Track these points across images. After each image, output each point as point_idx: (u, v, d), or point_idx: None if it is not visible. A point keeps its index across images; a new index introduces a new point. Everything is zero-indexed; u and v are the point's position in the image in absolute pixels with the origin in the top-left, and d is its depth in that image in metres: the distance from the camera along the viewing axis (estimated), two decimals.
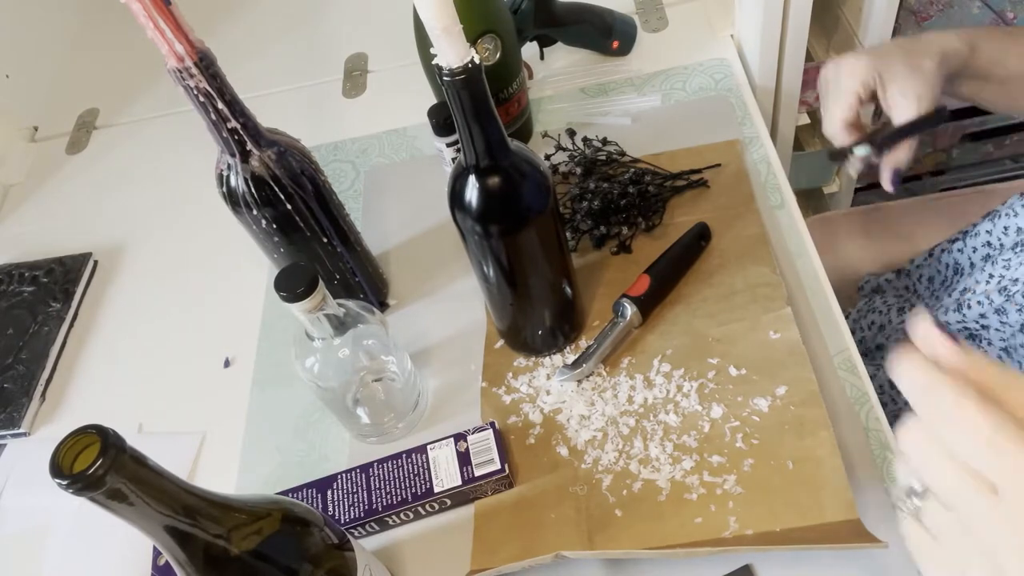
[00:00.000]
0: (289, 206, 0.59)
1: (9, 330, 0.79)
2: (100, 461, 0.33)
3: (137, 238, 0.87)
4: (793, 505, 0.53)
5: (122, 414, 0.72)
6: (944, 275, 0.76)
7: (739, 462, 0.56)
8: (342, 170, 0.85)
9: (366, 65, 0.96)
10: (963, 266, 0.73)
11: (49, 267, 0.83)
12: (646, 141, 0.77)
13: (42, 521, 0.67)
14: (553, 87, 0.86)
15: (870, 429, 0.58)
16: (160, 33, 0.48)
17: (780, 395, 0.59)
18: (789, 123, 0.96)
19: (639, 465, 0.58)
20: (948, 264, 0.75)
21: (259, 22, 1.06)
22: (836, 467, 0.54)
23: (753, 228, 0.69)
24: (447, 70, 0.45)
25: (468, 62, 0.45)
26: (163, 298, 0.80)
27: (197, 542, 0.39)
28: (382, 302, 0.72)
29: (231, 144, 0.55)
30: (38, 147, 1.01)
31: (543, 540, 0.56)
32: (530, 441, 0.61)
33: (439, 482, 0.58)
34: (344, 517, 0.57)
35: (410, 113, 0.86)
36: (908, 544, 0.27)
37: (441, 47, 0.44)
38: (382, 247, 0.77)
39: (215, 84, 0.51)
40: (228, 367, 0.73)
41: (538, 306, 0.62)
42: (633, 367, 0.63)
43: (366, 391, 0.62)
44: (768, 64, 0.85)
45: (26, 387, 0.74)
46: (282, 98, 0.95)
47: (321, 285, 0.52)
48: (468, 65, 0.45)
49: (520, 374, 0.65)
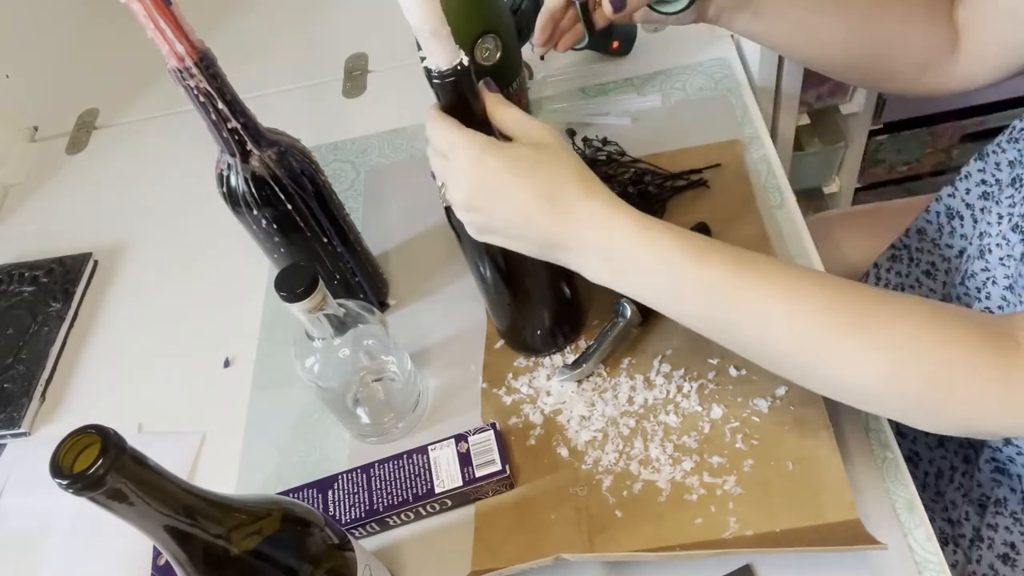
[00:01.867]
0: (289, 206, 0.59)
1: (9, 330, 0.79)
2: (100, 461, 0.33)
3: (137, 238, 0.87)
4: (793, 506, 0.53)
5: (122, 414, 0.72)
6: (937, 223, 0.74)
7: (739, 463, 0.56)
8: (342, 170, 0.85)
9: (366, 65, 0.96)
10: (956, 209, 0.71)
11: (49, 267, 0.83)
12: (646, 141, 0.77)
13: (42, 521, 0.67)
14: (553, 87, 0.86)
15: (870, 429, 0.58)
16: (160, 33, 0.48)
17: (780, 395, 0.59)
18: (789, 123, 0.96)
19: (639, 466, 0.58)
20: (939, 212, 0.73)
21: (259, 22, 1.06)
22: (836, 467, 0.54)
23: (753, 228, 0.69)
24: (436, 72, 0.45)
25: (457, 64, 0.45)
26: (163, 298, 0.80)
27: (197, 542, 0.39)
28: (382, 302, 0.72)
29: (231, 144, 0.55)
30: (38, 147, 1.01)
31: (544, 541, 0.56)
32: (531, 442, 0.61)
33: (440, 483, 0.58)
34: (345, 517, 0.57)
35: (410, 113, 0.86)
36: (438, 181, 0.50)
37: (430, 49, 0.44)
38: (382, 247, 0.77)
39: (215, 84, 0.51)
40: (228, 367, 0.73)
41: (536, 306, 0.62)
42: (633, 367, 0.63)
43: (366, 391, 0.62)
44: (768, 64, 0.85)
45: (26, 387, 0.74)
46: (282, 98, 0.95)
47: (321, 285, 0.52)
48: (457, 67, 0.45)
49: (520, 375, 0.65)
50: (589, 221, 0.46)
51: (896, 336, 0.43)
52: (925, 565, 0.52)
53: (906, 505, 0.54)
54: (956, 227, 0.71)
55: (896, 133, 1.20)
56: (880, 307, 0.44)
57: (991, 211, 0.63)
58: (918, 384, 0.43)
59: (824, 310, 0.44)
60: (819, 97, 1.09)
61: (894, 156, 1.26)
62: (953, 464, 0.70)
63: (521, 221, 0.47)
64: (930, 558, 0.52)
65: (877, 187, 1.34)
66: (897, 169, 1.30)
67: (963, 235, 0.70)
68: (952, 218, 0.71)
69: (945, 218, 0.72)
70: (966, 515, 0.68)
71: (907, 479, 0.55)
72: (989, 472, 0.64)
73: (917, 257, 0.76)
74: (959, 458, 0.69)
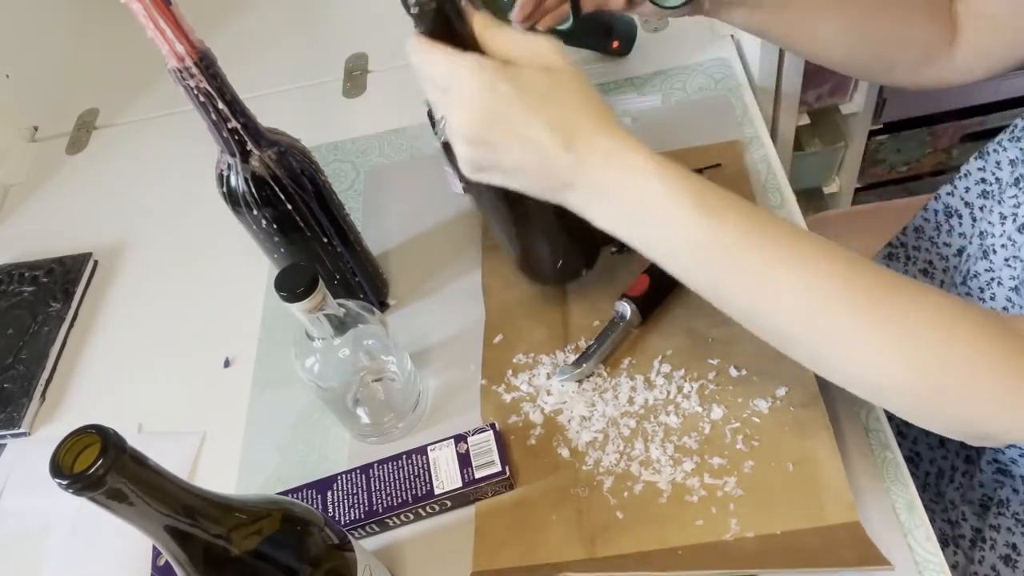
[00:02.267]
0: (289, 206, 0.59)
1: (9, 330, 0.79)
2: (100, 461, 0.33)
3: (137, 238, 0.87)
4: (794, 507, 0.53)
5: (122, 414, 0.72)
6: (935, 221, 0.73)
7: (739, 464, 0.56)
8: (342, 170, 0.85)
9: (366, 65, 0.96)
10: (955, 207, 0.71)
11: (49, 267, 0.83)
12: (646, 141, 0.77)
13: (42, 521, 0.67)
14: None
15: (870, 429, 0.58)
16: (160, 33, 0.48)
17: (780, 396, 0.59)
18: (789, 123, 0.96)
19: (640, 467, 0.58)
20: (937, 210, 0.73)
21: (259, 22, 1.06)
22: (836, 469, 0.54)
23: None
24: (415, 0, 0.43)
25: None
26: (163, 298, 0.80)
27: (197, 542, 0.39)
28: (382, 302, 0.72)
29: (231, 144, 0.55)
30: (38, 147, 1.01)
31: (545, 542, 0.56)
32: (531, 442, 0.61)
33: (439, 484, 0.58)
34: (344, 518, 0.57)
35: (410, 113, 0.86)
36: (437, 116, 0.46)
37: None
38: (382, 247, 0.77)
39: (215, 84, 0.51)
40: (228, 367, 0.73)
41: (543, 219, 0.58)
42: (633, 368, 0.63)
43: (366, 391, 0.62)
44: (768, 64, 0.85)
45: (26, 387, 0.74)
46: (282, 98, 0.95)
47: (321, 285, 0.52)
48: None
49: (520, 372, 0.65)
50: (603, 161, 0.42)
51: (906, 328, 0.41)
52: (925, 565, 0.52)
53: (906, 505, 0.54)
54: (954, 225, 0.71)
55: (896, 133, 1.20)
56: (894, 295, 0.42)
57: (992, 210, 0.63)
58: (922, 380, 0.42)
59: (838, 296, 0.41)
60: (819, 97, 1.09)
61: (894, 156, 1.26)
62: (954, 464, 0.70)
63: (529, 157, 0.43)
64: (930, 558, 0.52)
65: (877, 187, 1.34)
66: (897, 169, 1.30)
67: (961, 233, 0.70)
68: (950, 216, 0.71)
69: (943, 216, 0.72)
70: (963, 516, 0.68)
71: (907, 479, 0.55)
72: (991, 473, 0.64)
73: (914, 255, 0.76)
74: (960, 458, 0.69)
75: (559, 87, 0.42)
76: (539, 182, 0.45)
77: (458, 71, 0.42)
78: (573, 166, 0.43)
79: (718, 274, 0.44)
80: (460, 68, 0.42)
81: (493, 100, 0.42)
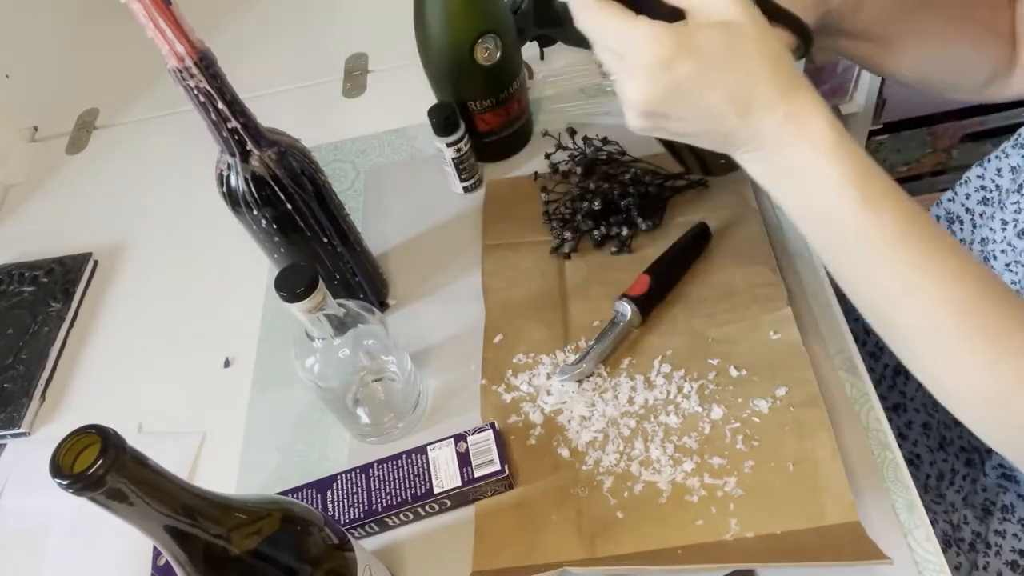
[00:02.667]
0: (289, 206, 0.59)
1: (9, 330, 0.79)
2: (100, 461, 0.33)
3: (137, 238, 0.87)
4: (794, 507, 0.53)
5: (122, 414, 0.72)
6: None
7: (739, 464, 0.56)
8: (342, 170, 0.85)
9: (366, 65, 0.96)
10: (956, 213, 0.71)
11: (49, 267, 0.83)
12: (646, 141, 0.76)
13: (42, 521, 0.67)
14: (553, 87, 0.86)
15: (870, 429, 0.58)
16: (160, 33, 0.48)
17: (780, 396, 0.59)
18: None
19: (640, 467, 0.58)
20: (939, 216, 0.73)
21: (259, 22, 1.06)
22: (836, 469, 0.54)
23: (753, 228, 0.69)
24: None
25: None
26: (163, 298, 0.80)
27: (197, 542, 0.39)
28: (382, 302, 0.72)
29: (231, 144, 0.55)
30: (38, 147, 1.01)
31: (545, 542, 0.56)
32: (531, 442, 0.61)
33: (439, 483, 0.58)
34: (344, 517, 0.57)
35: (410, 113, 0.86)
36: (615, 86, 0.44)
37: None
38: (382, 247, 0.77)
39: (215, 84, 0.51)
40: (228, 367, 0.73)
41: None
42: (633, 368, 0.63)
43: (366, 391, 0.62)
44: None
45: (26, 387, 0.74)
46: (282, 98, 0.95)
47: (321, 285, 0.52)
48: None
49: (520, 371, 0.65)
50: (780, 127, 0.42)
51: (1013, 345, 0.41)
52: (925, 565, 0.52)
53: (906, 505, 0.54)
54: (955, 231, 0.71)
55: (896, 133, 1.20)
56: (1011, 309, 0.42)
57: (993, 216, 0.63)
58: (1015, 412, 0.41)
59: (968, 313, 0.41)
60: None
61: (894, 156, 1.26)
62: (955, 467, 0.70)
63: (701, 125, 0.43)
64: (930, 559, 0.52)
65: None
66: (897, 169, 1.30)
67: (962, 239, 0.70)
68: (952, 222, 0.71)
69: (944, 222, 0.72)
70: (964, 519, 0.67)
71: (907, 479, 0.55)
72: (996, 478, 0.64)
73: None
74: (960, 461, 0.69)
75: (737, 49, 0.41)
76: (708, 143, 0.45)
77: (635, 42, 0.40)
78: (743, 132, 0.43)
79: (860, 259, 0.44)
80: (637, 39, 0.40)
81: (672, 79, 0.40)
